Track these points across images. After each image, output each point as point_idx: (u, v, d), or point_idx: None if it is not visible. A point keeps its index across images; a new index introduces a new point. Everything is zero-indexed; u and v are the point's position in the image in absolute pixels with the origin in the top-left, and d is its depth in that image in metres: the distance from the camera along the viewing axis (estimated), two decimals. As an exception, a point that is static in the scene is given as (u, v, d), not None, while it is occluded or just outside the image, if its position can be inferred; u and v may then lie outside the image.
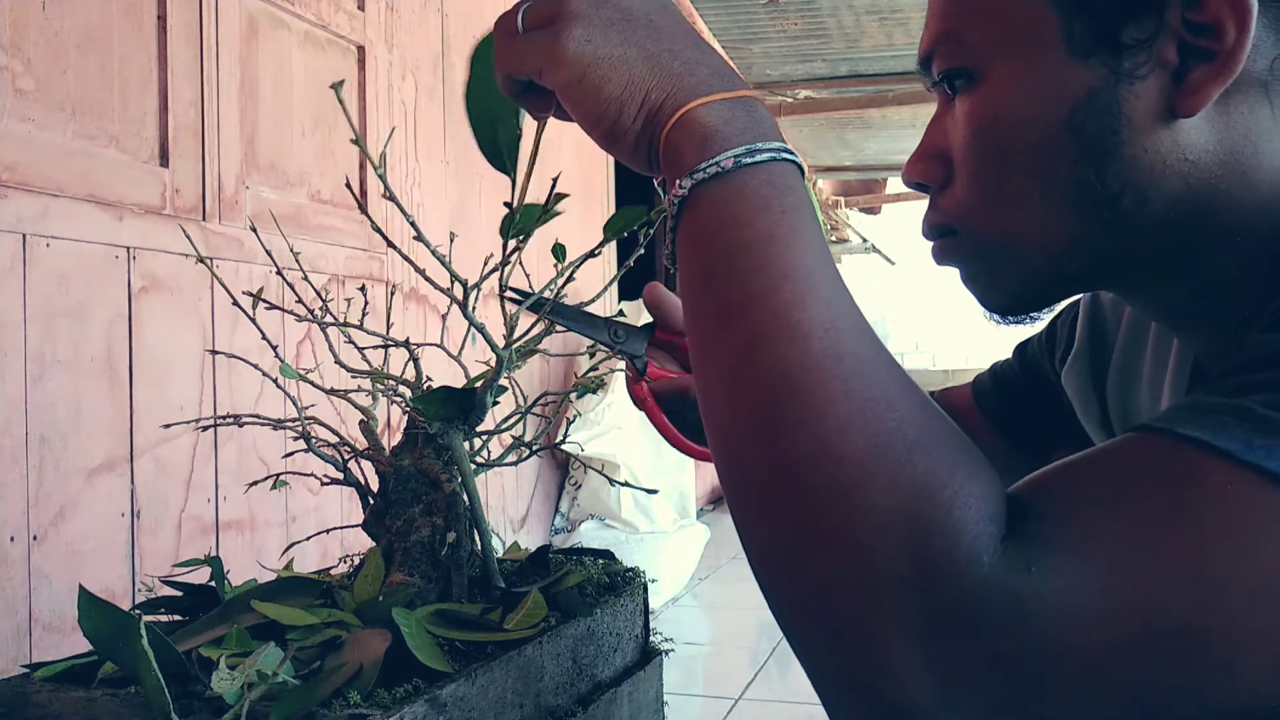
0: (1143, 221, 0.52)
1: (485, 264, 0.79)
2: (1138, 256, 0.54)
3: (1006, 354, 0.89)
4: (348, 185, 0.87)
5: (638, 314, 3.37)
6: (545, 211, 0.71)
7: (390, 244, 0.79)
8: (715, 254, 0.47)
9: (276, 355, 0.88)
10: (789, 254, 0.45)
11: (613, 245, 0.79)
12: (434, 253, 0.72)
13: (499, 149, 0.66)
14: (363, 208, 0.80)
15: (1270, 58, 0.50)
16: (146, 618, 0.69)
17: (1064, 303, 0.61)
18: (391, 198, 0.70)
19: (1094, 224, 0.53)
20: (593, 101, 0.51)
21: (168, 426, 1.59)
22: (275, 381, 0.89)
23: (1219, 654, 0.38)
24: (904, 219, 9.25)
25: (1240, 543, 0.38)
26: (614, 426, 3.18)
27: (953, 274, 0.62)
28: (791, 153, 0.49)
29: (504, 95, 0.56)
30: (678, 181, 0.49)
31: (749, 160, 0.47)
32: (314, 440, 0.83)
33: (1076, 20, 0.51)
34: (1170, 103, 0.50)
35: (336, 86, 0.67)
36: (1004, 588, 0.38)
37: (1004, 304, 0.59)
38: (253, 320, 0.85)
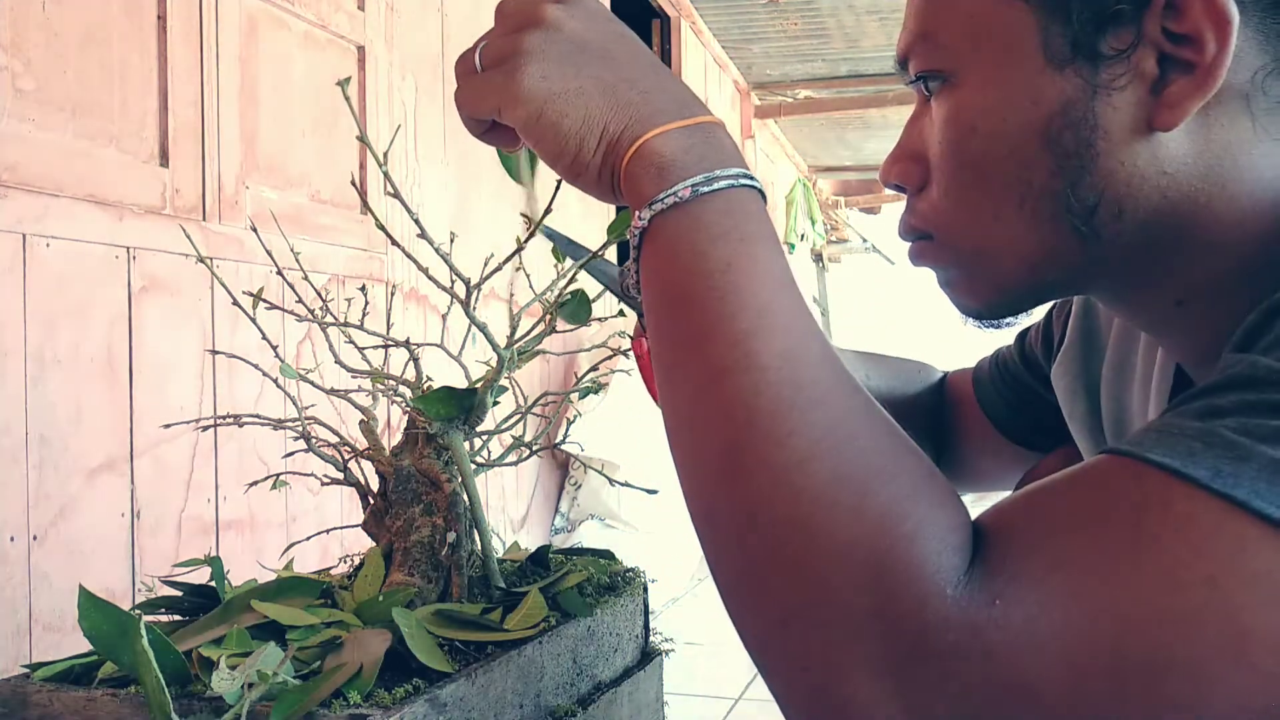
0: (1119, 233, 0.51)
1: (485, 264, 0.79)
2: (1114, 267, 0.54)
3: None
4: (353, 183, 0.87)
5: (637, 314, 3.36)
6: (546, 210, 0.72)
7: (394, 241, 0.79)
8: (674, 284, 0.47)
9: (276, 355, 0.88)
10: (747, 283, 0.45)
11: (612, 245, 0.79)
12: (437, 250, 0.72)
13: (519, 170, 0.69)
14: (366, 205, 0.80)
15: (1253, 69, 0.48)
16: (146, 618, 0.69)
17: (1042, 307, 0.61)
18: (396, 194, 0.70)
19: (1069, 236, 0.52)
20: (552, 137, 0.51)
21: (168, 426, 1.59)
22: (275, 381, 0.89)
23: (1185, 687, 0.37)
24: (904, 219, 9.22)
25: (1206, 573, 0.37)
26: (614, 426, 3.18)
27: None
28: (751, 178, 0.49)
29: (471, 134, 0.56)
30: (637, 213, 0.49)
31: (706, 189, 0.47)
32: (314, 440, 0.83)
33: (1054, 28, 0.50)
34: (1148, 115, 0.49)
35: (343, 83, 0.68)
36: (967, 621, 0.38)
37: (979, 310, 0.59)
38: (253, 320, 0.85)
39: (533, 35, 0.51)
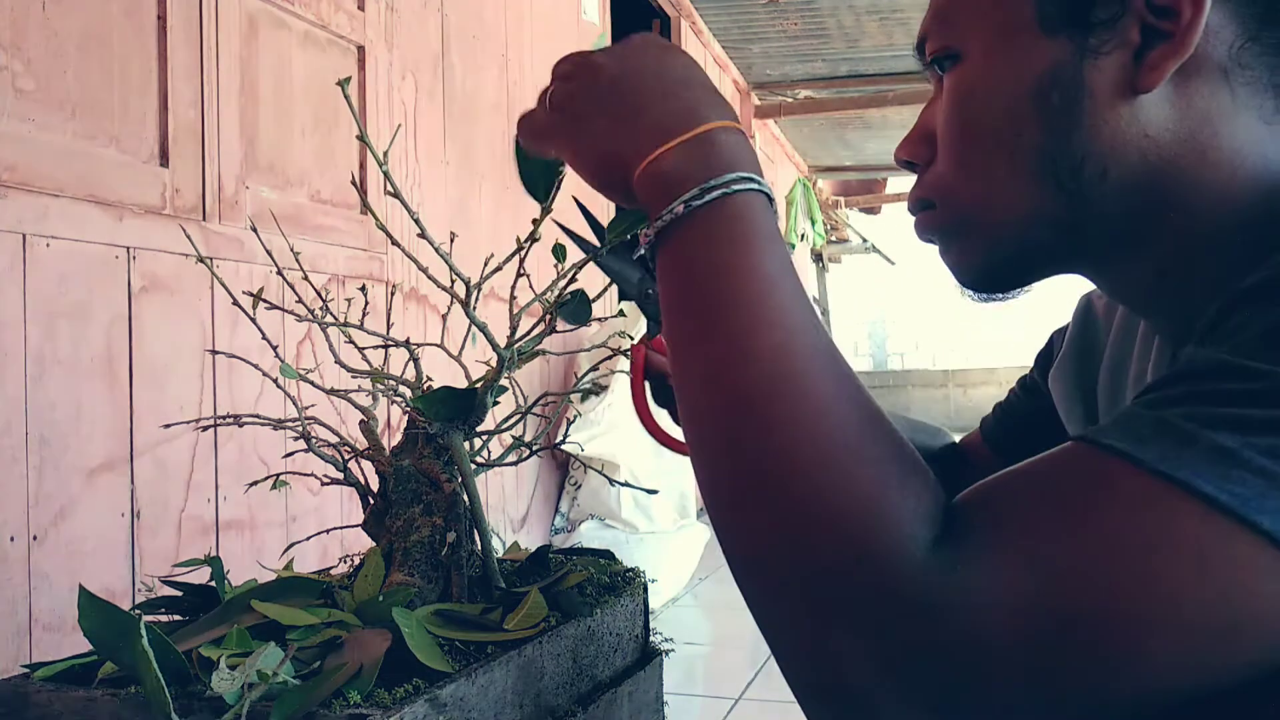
0: (1103, 195, 0.55)
1: (485, 264, 0.79)
2: (1099, 231, 0.57)
3: (1002, 359, 0.91)
4: (353, 182, 0.88)
5: (637, 314, 3.36)
6: (546, 211, 0.72)
7: (394, 241, 0.79)
8: (679, 290, 0.52)
9: (276, 355, 0.88)
10: (741, 284, 0.50)
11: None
12: (437, 250, 0.72)
13: (539, 186, 0.74)
14: (366, 205, 0.80)
15: (1229, 44, 0.53)
16: (146, 618, 0.69)
17: (1036, 284, 0.63)
18: (396, 194, 0.70)
19: (1057, 194, 0.56)
20: (587, 172, 0.59)
21: (168, 426, 1.59)
22: (275, 381, 0.89)
23: (1117, 645, 0.40)
24: (904, 219, 9.23)
25: (1142, 542, 0.40)
26: (614, 426, 3.18)
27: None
28: (749, 178, 0.53)
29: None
30: (645, 230, 0.55)
31: (698, 202, 0.52)
32: (314, 440, 0.83)
33: (1050, 0, 0.55)
34: (1131, 78, 0.53)
35: (343, 83, 0.68)
36: (930, 585, 0.42)
37: (975, 276, 0.62)
38: (253, 320, 0.85)
39: (577, 85, 0.58)
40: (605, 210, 0.71)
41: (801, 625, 0.45)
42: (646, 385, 0.83)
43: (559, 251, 0.79)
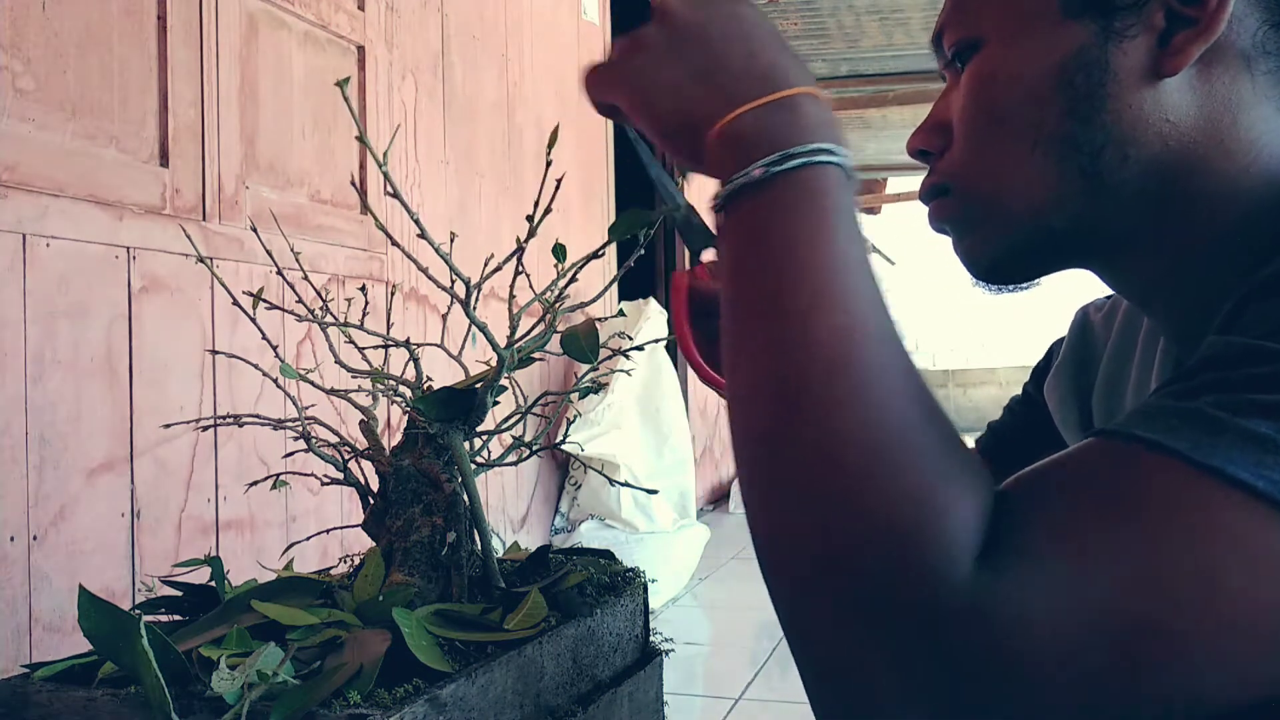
0: (1123, 180, 0.54)
1: (485, 264, 0.79)
2: (1116, 218, 0.56)
3: (1003, 359, 0.90)
4: (353, 183, 0.88)
5: (637, 314, 3.37)
6: (546, 210, 0.72)
7: (394, 242, 0.79)
8: (742, 259, 0.49)
9: (276, 355, 0.88)
10: (810, 259, 0.47)
11: (613, 245, 0.79)
12: (437, 250, 0.72)
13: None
14: (366, 205, 0.80)
15: (1252, 32, 0.53)
16: (146, 618, 0.69)
17: (1048, 277, 0.62)
18: (395, 195, 0.70)
19: (1077, 178, 0.55)
20: (649, 121, 0.55)
21: (168, 426, 1.59)
22: (275, 381, 0.89)
23: (1168, 648, 0.39)
24: (904, 219, 9.25)
25: (1185, 537, 0.39)
26: (614, 426, 3.18)
27: (953, 273, 0.63)
28: (832, 151, 0.49)
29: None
30: (715, 192, 0.51)
31: (778, 168, 0.48)
32: (314, 440, 0.83)
33: None
34: (1155, 62, 0.53)
35: (342, 84, 0.68)
36: (974, 594, 0.40)
37: (990, 264, 0.61)
38: (253, 320, 0.85)
39: (646, 30, 0.55)
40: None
41: (831, 633, 0.42)
42: (689, 320, 0.79)
43: (559, 251, 0.79)
